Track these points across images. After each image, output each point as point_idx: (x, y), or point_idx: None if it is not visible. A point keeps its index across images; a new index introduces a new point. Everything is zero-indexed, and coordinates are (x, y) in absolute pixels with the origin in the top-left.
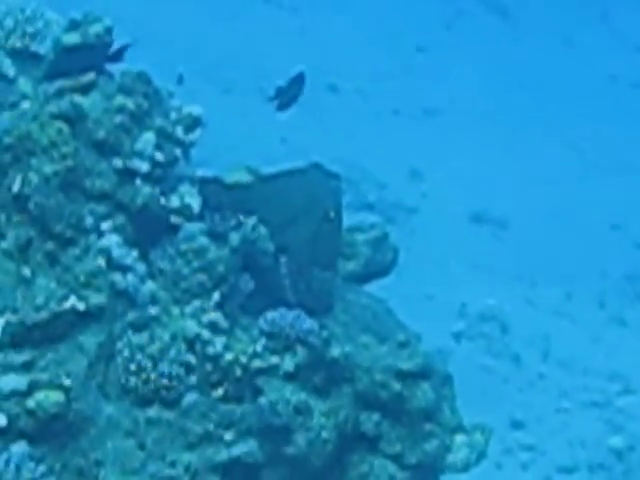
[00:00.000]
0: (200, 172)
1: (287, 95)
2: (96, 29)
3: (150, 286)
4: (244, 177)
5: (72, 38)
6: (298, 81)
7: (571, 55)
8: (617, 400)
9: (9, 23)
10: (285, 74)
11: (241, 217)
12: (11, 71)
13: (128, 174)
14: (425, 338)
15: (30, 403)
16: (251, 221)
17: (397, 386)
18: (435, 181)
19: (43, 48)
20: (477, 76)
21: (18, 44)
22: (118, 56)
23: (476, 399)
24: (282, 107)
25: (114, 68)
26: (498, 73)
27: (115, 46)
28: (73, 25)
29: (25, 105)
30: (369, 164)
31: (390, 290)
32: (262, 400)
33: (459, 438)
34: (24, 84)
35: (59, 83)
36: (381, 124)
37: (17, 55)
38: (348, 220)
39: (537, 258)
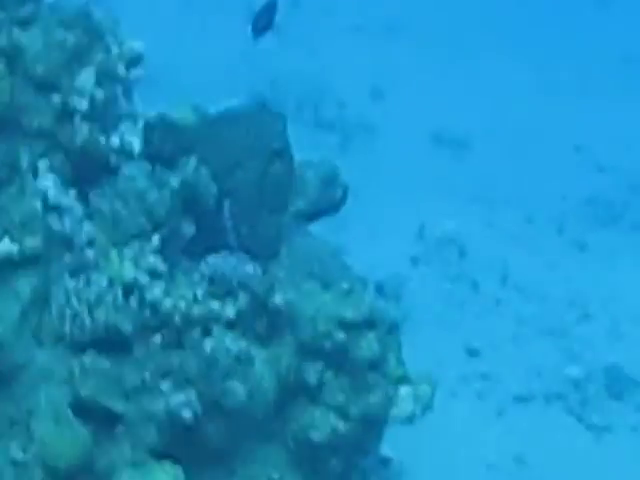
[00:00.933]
0: (142, 108)
1: (261, 21)
2: None
3: (88, 228)
4: (189, 116)
5: None
6: (270, 8)
7: None
8: (575, 328)
9: None
10: None
11: (182, 159)
12: None
13: (67, 112)
14: (383, 262)
15: None
16: (192, 162)
17: (341, 335)
18: (396, 100)
19: None
20: None
21: None
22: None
23: (432, 325)
24: (257, 34)
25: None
26: None
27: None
28: None
29: None
30: (330, 81)
31: (347, 211)
32: (201, 348)
33: (404, 389)
34: None
35: None
36: (343, 40)
37: None
38: (307, 137)
39: (497, 180)
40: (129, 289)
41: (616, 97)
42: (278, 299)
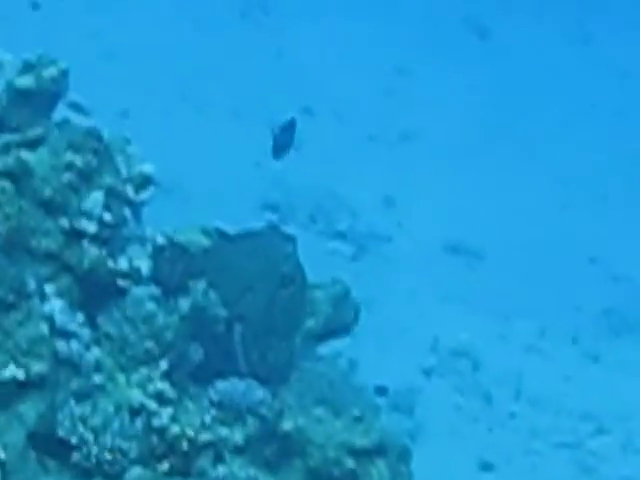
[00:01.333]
0: (153, 226)
1: (281, 142)
2: (50, 72)
3: (95, 353)
4: (198, 239)
5: (25, 81)
6: (290, 127)
7: (553, 80)
8: (589, 441)
9: None
10: (260, 95)
11: (191, 282)
12: None
13: (75, 235)
14: (396, 374)
15: None
16: (201, 286)
17: (351, 463)
18: (410, 209)
19: None
20: (456, 100)
21: None
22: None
23: (445, 437)
24: (278, 155)
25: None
26: (478, 97)
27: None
28: (27, 67)
29: None
30: (343, 191)
31: (361, 323)
32: (209, 476)
33: None
34: None
35: (6, 137)
36: (356, 149)
37: None
38: (320, 247)
39: (512, 291)
40: (136, 415)
41: (630, 209)
42: (287, 425)
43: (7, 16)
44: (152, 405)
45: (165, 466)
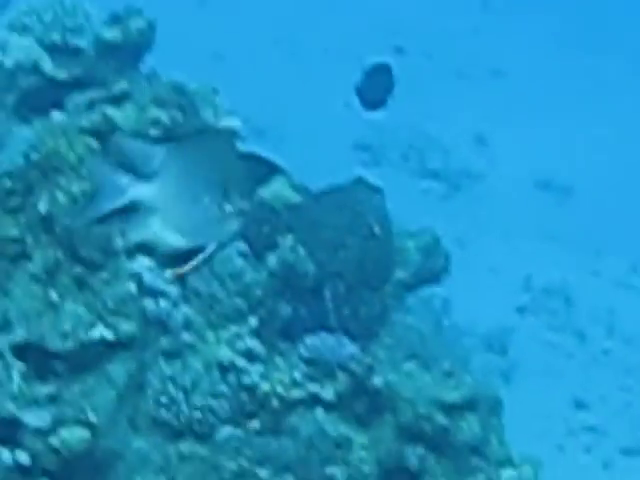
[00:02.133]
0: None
1: (373, 92)
2: (137, 24)
3: (184, 311)
4: (287, 195)
5: (112, 33)
6: (380, 73)
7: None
8: None
9: (49, 16)
10: (351, 36)
11: (279, 238)
12: (49, 67)
13: None
14: (489, 313)
15: (54, 441)
16: (289, 242)
17: (442, 419)
18: (501, 147)
19: (83, 43)
20: (547, 34)
21: (57, 39)
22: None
23: (539, 376)
24: (368, 107)
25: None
26: (569, 31)
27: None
28: (114, 19)
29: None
30: (434, 129)
31: (455, 261)
32: (300, 433)
33: (507, 473)
34: None
35: (90, 93)
36: (446, 88)
37: (57, 50)
38: (413, 186)
39: (602, 227)
40: (226, 373)
41: None
42: (378, 380)
43: None
44: (242, 363)
45: (256, 424)
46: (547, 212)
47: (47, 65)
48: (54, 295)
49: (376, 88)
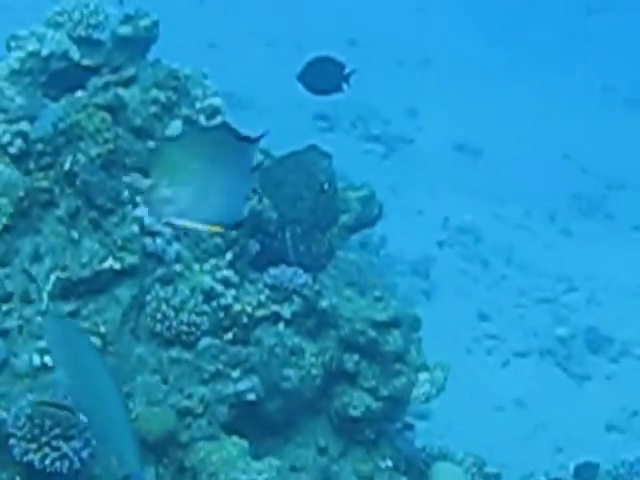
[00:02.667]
0: None
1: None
2: (145, 23)
3: (175, 247)
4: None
5: (125, 29)
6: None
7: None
8: (563, 297)
9: (76, 15)
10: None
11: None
12: (76, 55)
13: None
14: (415, 246)
15: None
16: (256, 195)
17: (373, 333)
18: (428, 118)
19: (103, 37)
20: (466, 31)
21: (83, 33)
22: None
23: (453, 295)
24: (314, 91)
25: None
26: (484, 28)
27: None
28: (127, 19)
29: (78, 94)
30: (377, 104)
31: (390, 206)
32: (263, 343)
33: (422, 376)
34: None
35: (106, 77)
36: (387, 71)
37: (82, 42)
38: (359, 148)
39: (505, 181)
40: (208, 296)
41: (598, 115)
42: (324, 303)
43: None
44: (219, 288)
45: (229, 336)
46: (462, 169)
47: (74, 54)
48: (75, 234)
49: (318, 77)
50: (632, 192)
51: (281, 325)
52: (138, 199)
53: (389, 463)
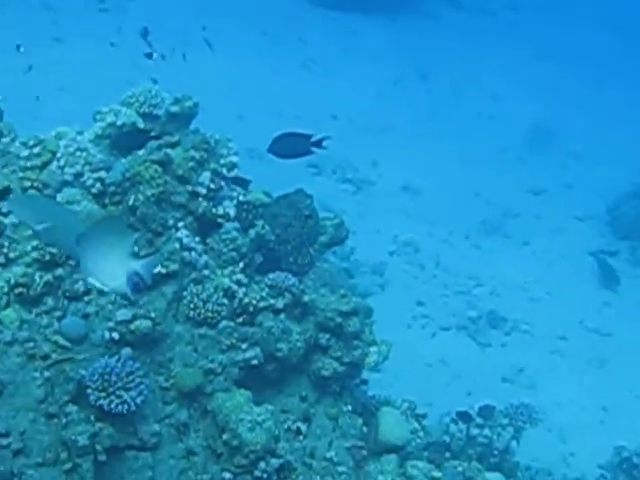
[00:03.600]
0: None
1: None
2: (188, 104)
3: (204, 258)
4: (261, 197)
5: (175, 108)
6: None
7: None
8: (473, 290)
9: (142, 98)
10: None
11: (256, 221)
12: (141, 125)
13: (195, 195)
14: (375, 254)
15: (132, 327)
16: (260, 223)
17: (339, 319)
18: (384, 168)
19: (160, 113)
20: (413, 109)
21: (147, 110)
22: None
23: (399, 288)
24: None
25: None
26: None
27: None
28: (176, 100)
29: (139, 152)
30: (350, 157)
31: (357, 226)
32: (263, 325)
33: (372, 349)
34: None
35: (160, 141)
36: (358, 138)
37: (146, 116)
38: (337, 187)
39: (435, 211)
40: (226, 292)
41: (498, 167)
42: (306, 298)
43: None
44: (234, 286)
45: (240, 319)
46: (406, 202)
47: (140, 124)
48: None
49: (285, 147)
50: (521, 219)
51: (276, 313)
52: (179, 224)
53: (349, 407)
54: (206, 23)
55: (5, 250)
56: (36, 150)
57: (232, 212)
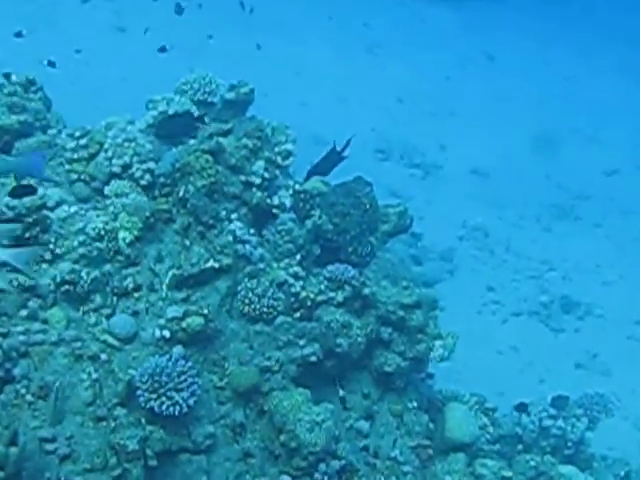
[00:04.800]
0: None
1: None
2: (244, 90)
3: (260, 251)
4: (319, 186)
5: (230, 95)
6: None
7: None
8: (545, 274)
9: (196, 85)
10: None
11: (313, 211)
12: (195, 113)
13: (248, 185)
14: (443, 239)
15: (184, 324)
16: (318, 212)
17: (401, 313)
18: (452, 152)
19: (215, 100)
20: (481, 93)
21: (201, 97)
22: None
23: (469, 273)
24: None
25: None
26: (493, 89)
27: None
28: (231, 87)
29: (190, 142)
30: (418, 142)
31: (425, 212)
32: (322, 319)
33: (438, 342)
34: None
35: (210, 129)
36: (425, 120)
37: (200, 104)
38: (406, 172)
39: (505, 194)
40: (282, 286)
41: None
42: (367, 291)
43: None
44: (291, 280)
45: (298, 314)
46: (475, 186)
47: (194, 112)
48: (187, 242)
49: (323, 167)
50: (593, 201)
51: (336, 306)
52: (233, 216)
53: (414, 404)
54: (272, 8)
55: (51, 246)
56: (83, 142)
57: (288, 202)
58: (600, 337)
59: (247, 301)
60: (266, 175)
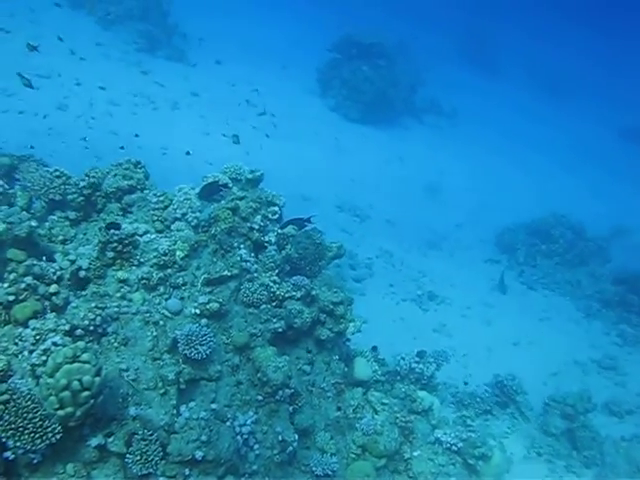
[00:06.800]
0: (277, 227)
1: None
2: (258, 174)
3: (255, 267)
4: (291, 230)
5: (250, 175)
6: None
7: None
8: (421, 279)
9: (231, 170)
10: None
11: (287, 245)
12: (230, 184)
13: (251, 229)
14: (368, 256)
15: (208, 306)
16: (289, 246)
17: (332, 306)
18: (376, 209)
19: (242, 177)
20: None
21: (233, 176)
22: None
23: (380, 276)
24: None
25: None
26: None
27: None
28: (251, 171)
29: (222, 202)
30: (358, 204)
31: (359, 241)
32: (287, 307)
33: (351, 324)
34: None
35: (232, 195)
36: (363, 193)
37: (234, 180)
38: (346, 220)
39: (403, 234)
40: (266, 287)
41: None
42: (314, 292)
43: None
44: (271, 284)
45: (274, 304)
46: (388, 228)
47: (229, 184)
48: (214, 259)
49: (295, 223)
50: (448, 240)
51: (295, 300)
52: (242, 246)
53: (337, 357)
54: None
55: (138, 257)
56: (161, 198)
57: (273, 239)
58: (447, 315)
59: (246, 294)
60: (262, 224)
